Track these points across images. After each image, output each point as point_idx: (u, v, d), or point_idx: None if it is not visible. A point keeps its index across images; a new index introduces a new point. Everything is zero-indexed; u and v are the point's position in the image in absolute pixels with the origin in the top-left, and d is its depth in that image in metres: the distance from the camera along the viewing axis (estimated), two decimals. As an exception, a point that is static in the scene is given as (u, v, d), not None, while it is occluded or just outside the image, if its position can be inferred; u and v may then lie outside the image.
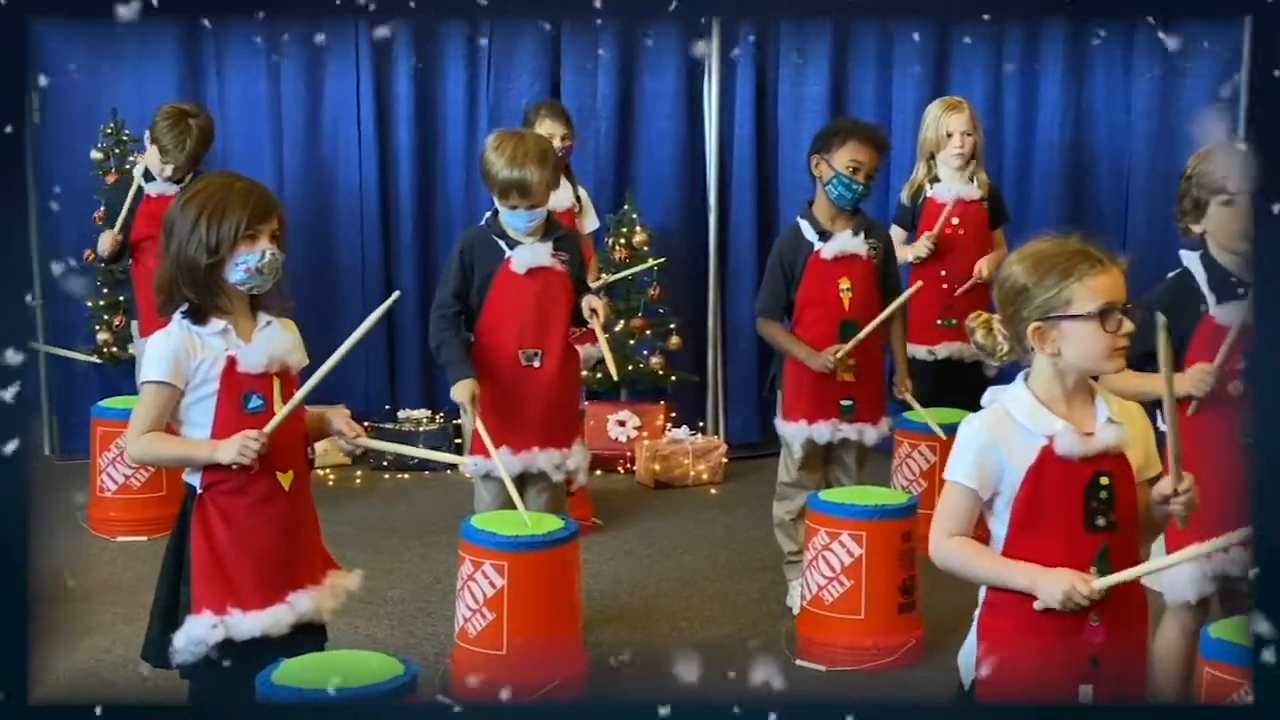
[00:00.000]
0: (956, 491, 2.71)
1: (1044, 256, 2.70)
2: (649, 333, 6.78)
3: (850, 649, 4.36)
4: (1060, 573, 2.62)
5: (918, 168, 5.75)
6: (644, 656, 4.44)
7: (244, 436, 3.08)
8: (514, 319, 4.42)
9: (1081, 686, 2.64)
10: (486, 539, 4.06)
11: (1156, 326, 2.73)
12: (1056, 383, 2.72)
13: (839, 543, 4.38)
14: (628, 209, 6.75)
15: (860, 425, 4.81)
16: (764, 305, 4.89)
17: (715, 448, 6.58)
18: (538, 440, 4.42)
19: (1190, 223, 3.59)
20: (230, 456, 3.06)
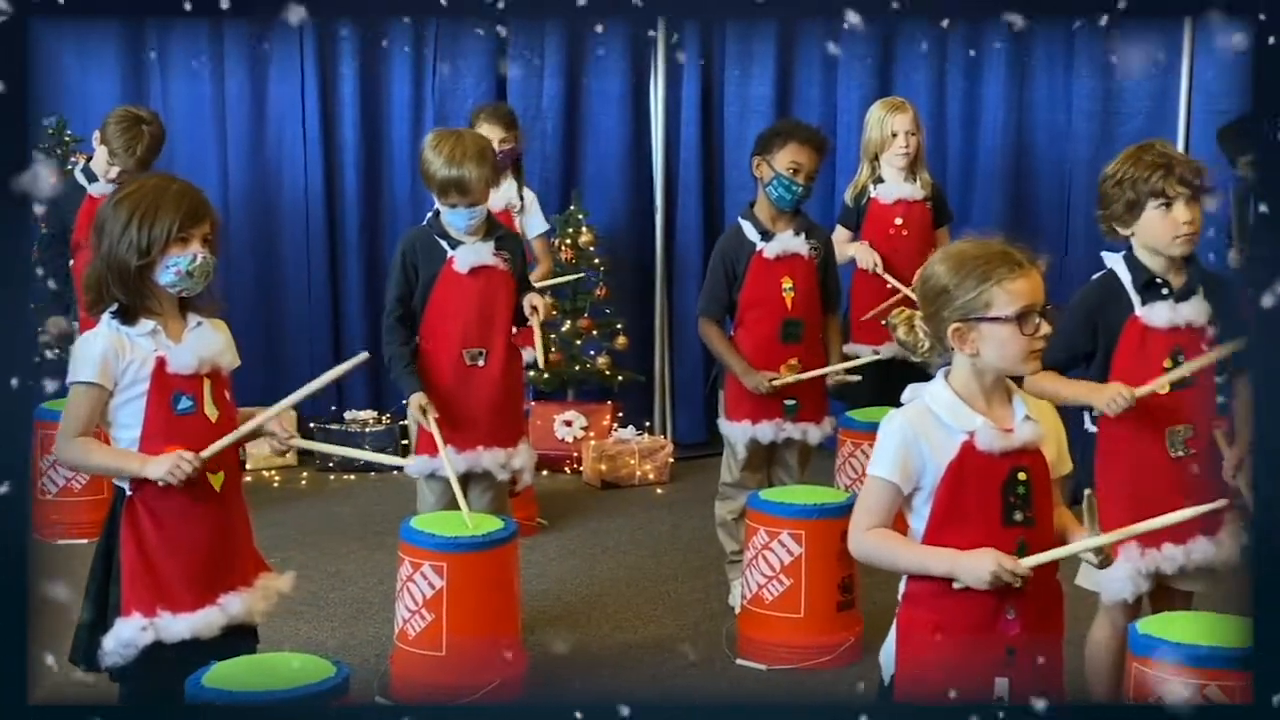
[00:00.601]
0: (878, 486, 2.74)
1: (965, 258, 2.72)
2: (595, 333, 6.79)
3: (790, 647, 4.38)
4: (984, 552, 2.65)
5: (861, 168, 5.77)
6: (584, 655, 4.46)
7: (178, 457, 3.06)
8: (458, 318, 4.42)
9: (998, 678, 2.66)
10: (425, 540, 4.06)
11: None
12: (975, 381, 2.76)
13: (778, 542, 4.39)
14: (574, 210, 6.76)
15: (804, 425, 4.83)
16: (706, 305, 4.90)
17: (661, 447, 6.59)
18: (483, 439, 4.43)
19: (1121, 226, 3.61)
20: (159, 474, 3.05)
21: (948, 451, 2.71)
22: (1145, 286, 3.58)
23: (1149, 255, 3.59)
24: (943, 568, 2.67)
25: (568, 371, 6.76)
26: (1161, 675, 3.26)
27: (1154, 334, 3.56)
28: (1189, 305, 3.58)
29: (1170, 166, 3.51)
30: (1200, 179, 3.54)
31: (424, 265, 4.44)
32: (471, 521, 4.13)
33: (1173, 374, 3.52)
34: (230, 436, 3.15)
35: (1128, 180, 3.55)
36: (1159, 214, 3.53)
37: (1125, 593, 3.60)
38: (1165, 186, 3.50)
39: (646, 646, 4.55)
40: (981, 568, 2.63)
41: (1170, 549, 3.58)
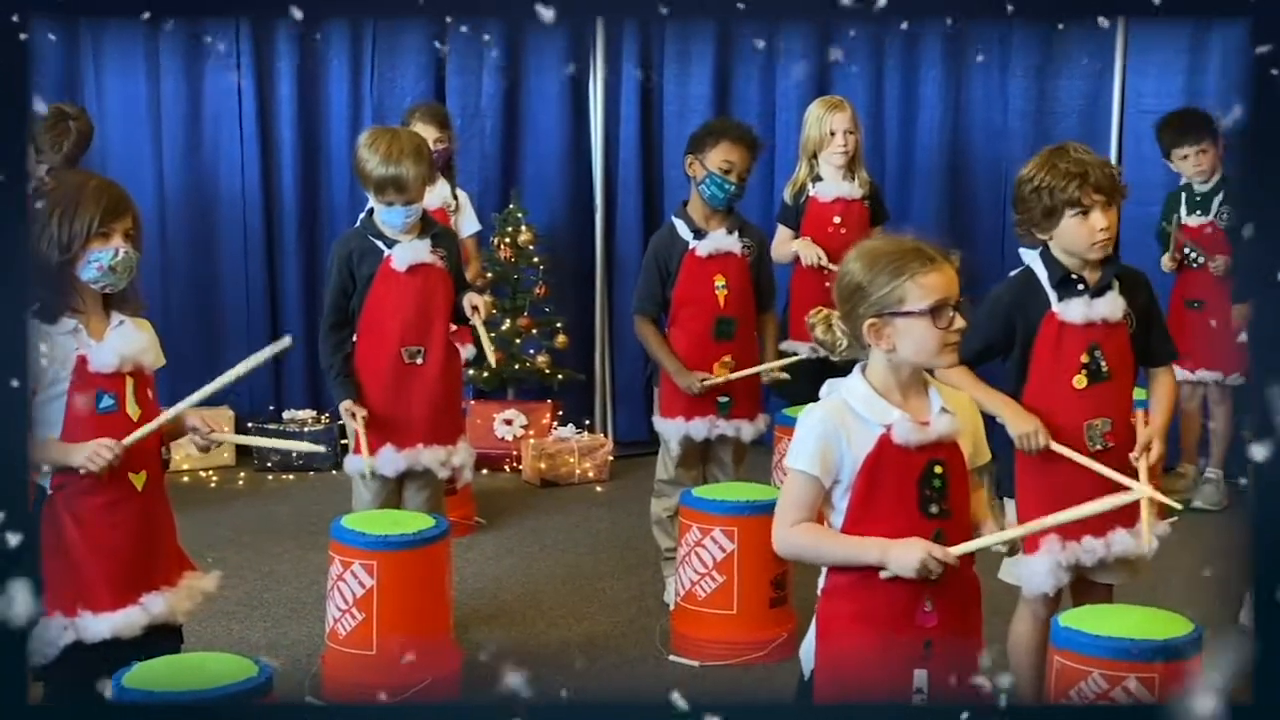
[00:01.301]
0: (800, 480, 2.75)
1: (879, 255, 2.75)
2: (535, 332, 6.80)
3: (723, 644, 4.40)
4: (913, 541, 2.67)
5: (800, 167, 5.79)
6: (517, 653, 4.46)
7: (99, 444, 3.05)
8: (396, 317, 4.42)
9: (916, 670, 2.69)
10: (355, 539, 4.05)
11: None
12: (892, 375, 2.78)
13: (711, 538, 4.41)
14: (513, 209, 6.76)
15: (737, 422, 4.85)
16: (640, 304, 4.92)
17: (601, 446, 6.60)
18: (422, 437, 4.43)
19: (1039, 231, 3.63)
20: (79, 461, 3.04)
21: (865, 445, 2.73)
22: (1061, 283, 3.62)
23: (1065, 255, 3.63)
24: (873, 556, 2.69)
25: (507, 370, 6.76)
26: (1082, 668, 3.30)
27: (1070, 330, 3.60)
28: (1104, 301, 3.62)
29: (1085, 174, 3.53)
30: (1115, 182, 3.57)
31: (360, 266, 4.43)
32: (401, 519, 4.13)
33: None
34: (151, 424, 3.13)
35: (1044, 189, 3.57)
36: (1076, 222, 3.56)
37: (1046, 586, 3.64)
38: (1081, 195, 3.53)
39: (580, 644, 4.56)
40: (911, 556, 2.65)
41: (1090, 541, 3.62)
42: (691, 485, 4.76)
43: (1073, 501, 3.57)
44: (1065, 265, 3.63)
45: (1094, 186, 3.52)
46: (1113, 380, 3.64)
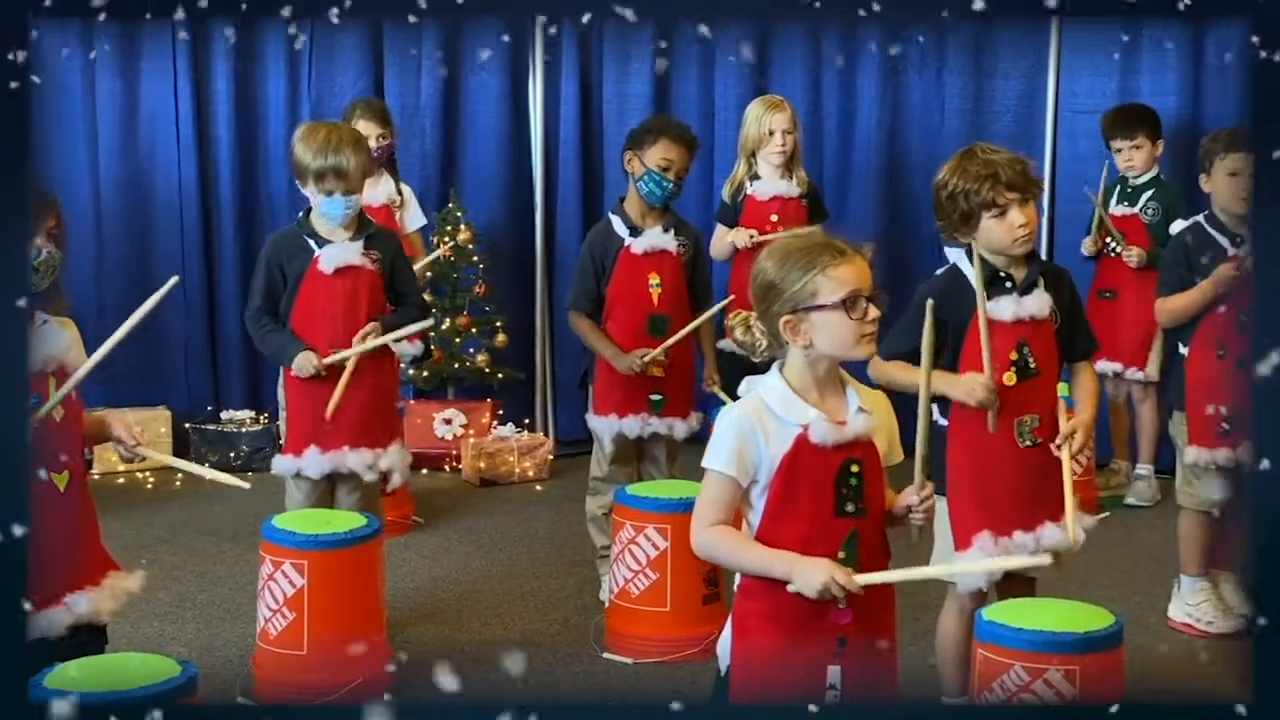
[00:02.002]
0: (717, 480, 2.76)
1: (789, 252, 2.77)
2: (474, 331, 6.79)
3: (657, 641, 4.41)
4: (820, 563, 2.67)
5: (738, 165, 5.82)
6: (451, 653, 4.46)
7: None
8: (324, 319, 4.40)
9: (830, 667, 2.70)
10: (286, 538, 4.04)
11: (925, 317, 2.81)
12: (809, 373, 2.79)
13: (644, 536, 4.42)
14: (452, 207, 6.75)
15: (670, 420, 4.87)
16: (575, 299, 4.93)
17: (541, 445, 6.60)
18: (349, 440, 4.41)
19: (960, 235, 3.67)
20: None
21: (783, 445, 2.74)
22: (989, 282, 3.65)
23: (990, 254, 3.67)
24: (780, 571, 2.69)
25: (447, 369, 6.76)
26: (1005, 660, 3.34)
27: (999, 327, 3.63)
28: (1032, 298, 3.66)
29: (996, 174, 3.55)
30: (1027, 177, 3.60)
31: (289, 265, 4.42)
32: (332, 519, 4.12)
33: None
34: (57, 396, 3.06)
35: (959, 194, 3.60)
36: (994, 222, 3.59)
37: (980, 582, 3.68)
38: (995, 196, 3.56)
39: (515, 643, 4.56)
40: (815, 578, 2.65)
41: (1021, 536, 3.66)
42: (626, 483, 4.77)
43: (1002, 500, 3.64)
44: (993, 264, 3.66)
45: (1006, 185, 3.55)
46: (1040, 376, 3.69)
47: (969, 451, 3.67)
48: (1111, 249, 6.07)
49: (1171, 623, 4.72)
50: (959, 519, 3.68)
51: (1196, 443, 4.56)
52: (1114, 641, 3.37)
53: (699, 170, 6.78)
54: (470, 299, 6.80)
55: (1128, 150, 6.07)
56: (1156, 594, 4.89)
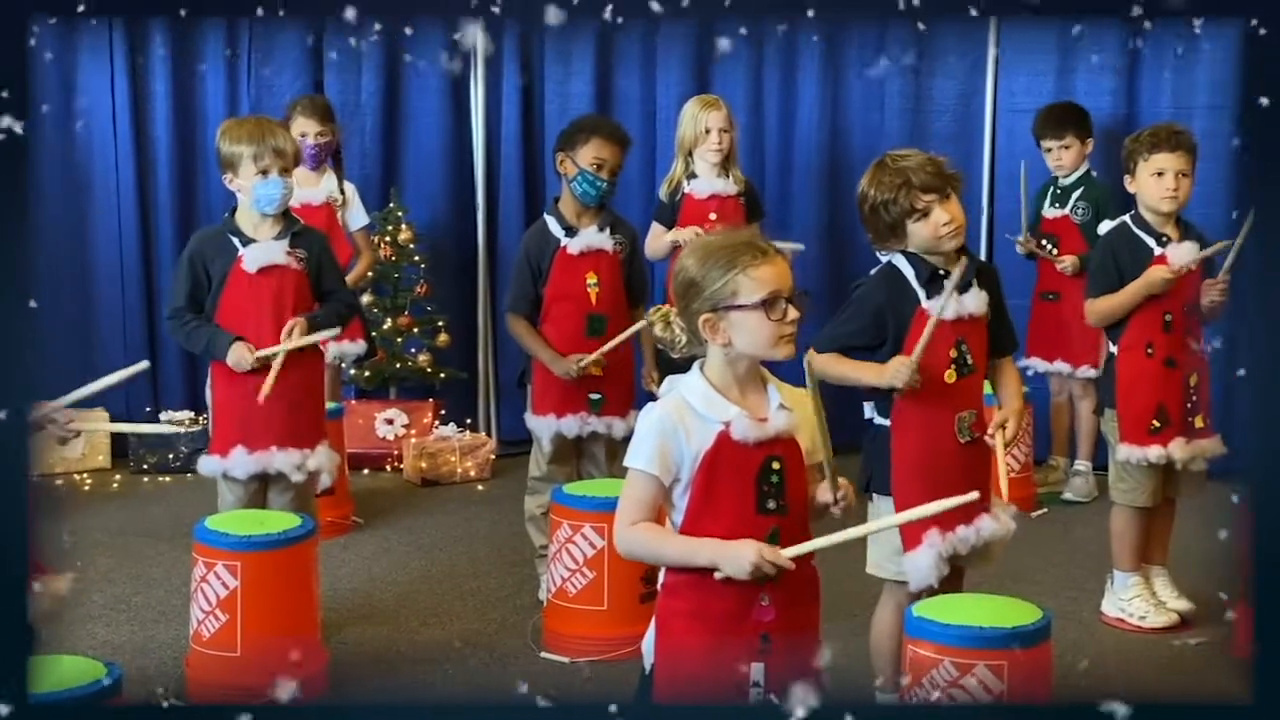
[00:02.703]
0: (640, 479, 2.76)
1: (711, 250, 2.77)
2: (416, 330, 6.78)
3: (594, 639, 4.41)
4: (745, 544, 2.68)
5: (675, 165, 5.84)
6: (388, 653, 4.45)
7: None
8: (249, 319, 4.37)
9: (753, 664, 2.71)
10: (219, 539, 4.02)
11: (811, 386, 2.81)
12: (729, 371, 2.80)
13: (581, 535, 4.43)
14: (393, 207, 6.73)
15: (609, 419, 4.87)
16: (512, 301, 4.93)
17: (483, 444, 6.59)
18: (276, 440, 4.38)
19: (892, 243, 3.69)
20: None
21: (704, 442, 2.74)
22: (929, 280, 3.68)
23: (925, 254, 3.69)
24: (706, 558, 2.70)
25: (389, 369, 6.74)
26: (934, 656, 3.36)
27: (941, 325, 3.65)
28: (970, 296, 3.70)
29: (909, 181, 3.58)
30: (942, 175, 3.63)
31: (214, 265, 4.38)
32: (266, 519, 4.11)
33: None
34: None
35: (880, 206, 3.64)
36: (919, 225, 3.63)
37: (931, 579, 3.69)
38: (913, 201, 3.59)
39: (452, 643, 4.55)
40: (743, 558, 2.66)
41: (964, 530, 3.69)
42: (565, 482, 4.77)
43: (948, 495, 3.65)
44: (930, 263, 3.69)
45: (921, 189, 3.58)
46: (976, 373, 3.73)
47: (913, 450, 3.70)
48: (1048, 252, 6.13)
49: (1105, 618, 4.76)
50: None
51: (1128, 440, 4.61)
52: (1042, 636, 3.40)
53: (641, 169, 6.81)
54: (412, 299, 6.79)
55: (1057, 150, 6.15)
56: (1091, 589, 4.93)
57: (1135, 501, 4.67)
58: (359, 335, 6.11)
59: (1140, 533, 4.73)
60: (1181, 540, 5.02)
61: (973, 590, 3.84)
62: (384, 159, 6.98)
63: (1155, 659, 4.46)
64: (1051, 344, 6.14)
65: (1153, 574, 4.78)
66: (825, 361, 3.66)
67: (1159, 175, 4.54)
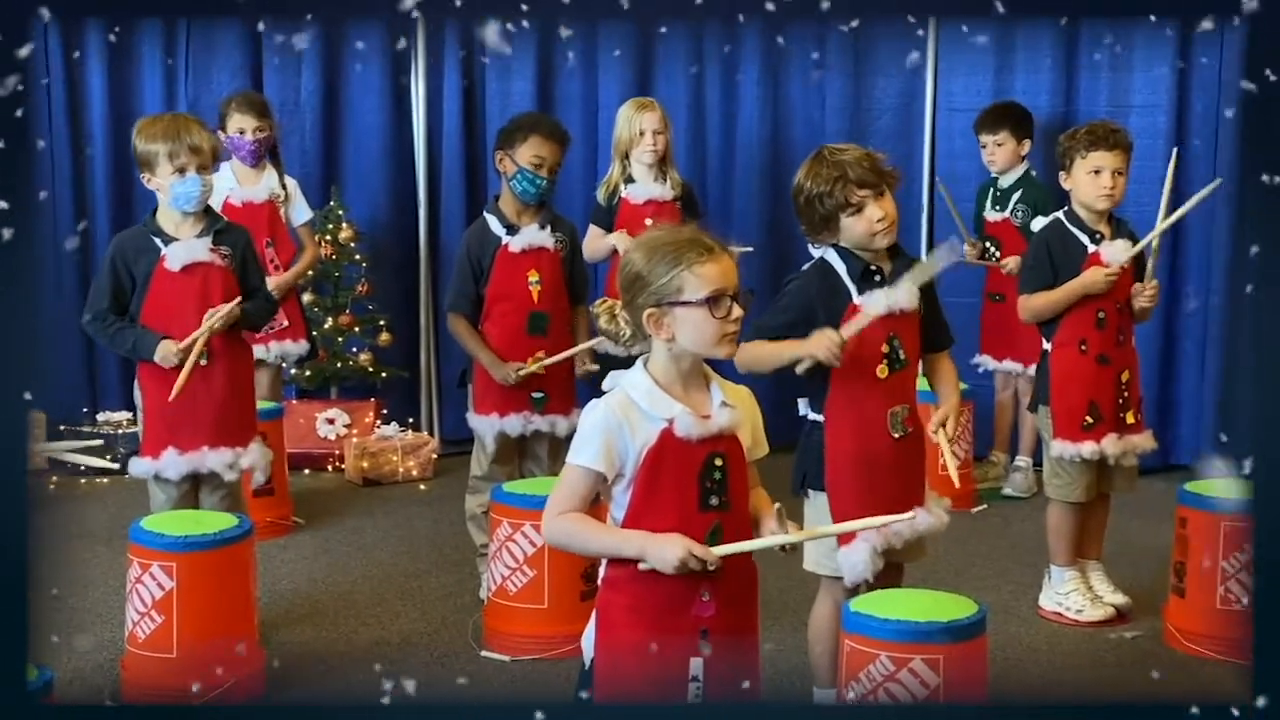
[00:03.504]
0: (579, 474, 2.76)
1: (657, 245, 2.77)
2: (357, 330, 6.75)
3: (535, 638, 4.40)
4: (672, 538, 2.68)
5: (612, 168, 5.83)
6: (327, 653, 4.43)
7: None
8: (175, 318, 4.32)
9: (692, 659, 2.72)
10: (154, 540, 3.99)
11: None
12: (673, 367, 2.80)
13: (522, 533, 4.42)
14: (334, 205, 6.70)
15: (552, 417, 4.87)
16: (453, 301, 4.92)
17: (425, 444, 6.57)
18: (207, 440, 4.35)
19: (826, 237, 3.71)
20: None
21: (647, 438, 2.74)
22: (861, 276, 3.70)
23: (856, 249, 3.71)
24: (633, 550, 2.70)
25: (330, 368, 6.71)
26: (870, 650, 3.38)
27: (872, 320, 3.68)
28: (901, 291, 3.71)
29: (846, 174, 3.60)
30: (878, 171, 3.65)
31: (137, 265, 4.34)
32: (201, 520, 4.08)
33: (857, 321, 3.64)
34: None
35: (814, 198, 3.64)
36: (853, 220, 3.64)
37: (867, 574, 3.71)
38: (847, 195, 3.61)
39: (392, 643, 4.54)
40: (669, 553, 2.66)
41: (898, 525, 3.70)
42: (506, 481, 4.77)
43: (882, 491, 3.68)
44: (862, 258, 3.71)
45: (857, 183, 3.60)
46: (908, 368, 3.75)
47: (847, 445, 3.71)
48: (992, 254, 6.17)
49: (1042, 611, 4.81)
50: (840, 513, 3.70)
51: (1061, 436, 4.65)
52: (977, 630, 3.43)
53: (582, 171, 6.81)
54: (353, 297, 6.76)
55: (991, 145, 6.20)
56: (1029, 584, 4.97)
57: (1070, 497, 4.72)
58: (301, 335, 6.08)
59: (1076, 528, 4.77)
60: (1116, 535, 5.08)
61: (912, 586, 3.86)
62: (324, 157, 6.95)
63: (1091, 652, 4.50)
64: (1001, 342, 6.19)
65: (1089, 568, 4.83)
66: (750, 349, 3.67)
67: (1095, 173, 4.58)
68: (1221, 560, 4.40)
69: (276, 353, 5.97)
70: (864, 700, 3.37)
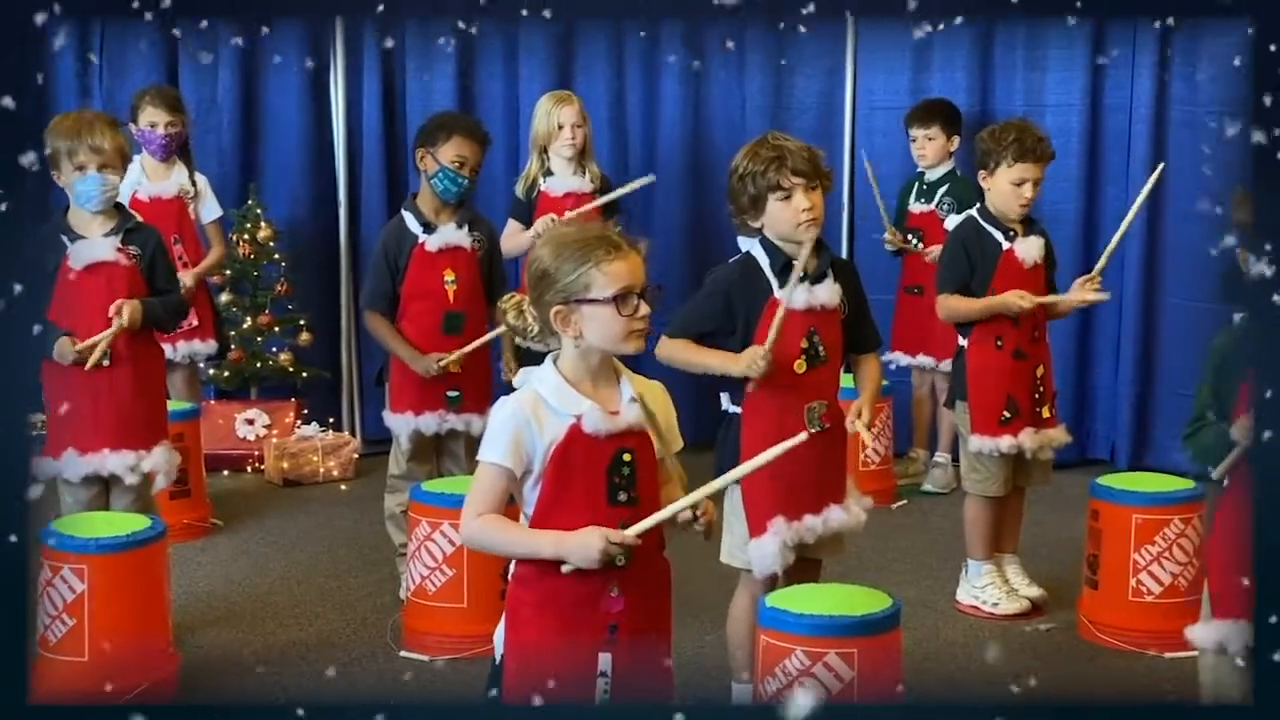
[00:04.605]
0: (491, 472, 2.75)
1: (565, 242, 2.77)
2: (277, 329, 6.69)
3: (454, 637, 4.38)
4: (590, 532, 2.68)
5: (530, 162, 5.83)
6: (244, 655, 4.39)
7: None
8: (79, 316, 4.26)
9: (601, 655, 2.72)
10: (65, 542, 3.94)
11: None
12: (581, 363, 2.80)
13: (440, 533, 4.40)
14: (252, 204, 6.64)
15: (468, 416, 4.85)
16: (370, 299, 4.90)
17: (346, 444, 6.53)
18: (109, 442, 4.29)
19: (749, 219, 3.74)
20: None
21: (556, 434, 2.74)
22: (783, 270, 3.72)
23: (780, 241, 3.74)
24: (549, 550, 2.70)
25: (249, 369, 6.65)
26: (786, 645, 3.40)
27: (791, 315, 3.70)
28: (823, 288, 3.74)
29: (784, 158, 3.64)
30: (815, 165, 3.68)
31: (46, 262, 4.28)
32: (114, 522, 4.04)
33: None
34: None
35: (748, 176, 3.69)
36: (780, 205, 3.67)
37: (776, 566, 3.74)
38: (780, 179, 3.64)
39: (310, 644, 4.51)
40: (590, 547, 2.66)
41: (810, 519, 3.73)
42: (425, 480, 4.75)
43: (795, 485, 3.70)
44: (785, 252, 3.73)
45: (792, 170, 3.64)
46: (828, 365, 3.77)
47: (762, 438, 3.71)
48: (914, 245, 6.23)
49: (959, 605, 4.85)
50: (753, 506, 3.74)
51: (979, 431, 4.69)
52: (891, 624, 3.46)
53: (505, 168, 6.79)
54: (272, 297, 6.69)
55: (921, 139, 6.23)
56: (947, 578, 5.02)
57: (988, 491, 4.76)
58: (210, 334, 6.03)
59: (992, 522, 4.82)
60: (1033, 529, 5.14)
61: (832, 582, 3.89)
62: (242, 156, 6.88)
63: (1007, 644, 4.54)
64: (915, 338, 6.23)
65: (1005, 562, 4.88)
66: (676, 348, 3.70)
67: (1019, 184, 4.62)
68: (1133, 553, 4.47)
69: (185, 352, 5.91)
70: (780, 695, 3.39)
